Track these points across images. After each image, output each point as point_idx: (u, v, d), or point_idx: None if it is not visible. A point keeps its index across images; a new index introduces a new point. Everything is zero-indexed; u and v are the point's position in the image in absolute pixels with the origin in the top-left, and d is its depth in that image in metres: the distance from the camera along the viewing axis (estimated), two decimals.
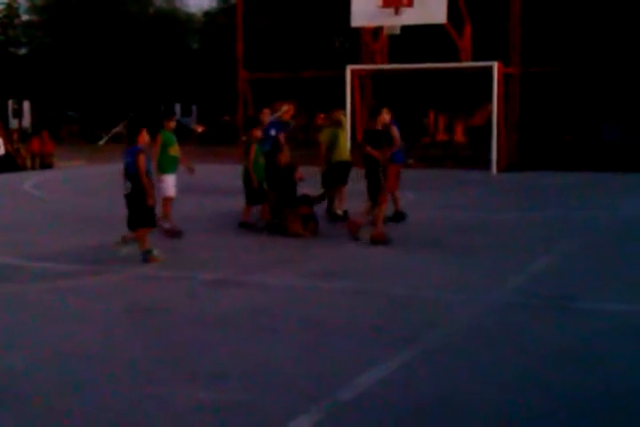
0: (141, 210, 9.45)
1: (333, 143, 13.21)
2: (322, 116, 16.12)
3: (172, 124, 11.91)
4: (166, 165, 11.74)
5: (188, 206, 14.05)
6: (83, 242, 11.08)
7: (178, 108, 55.47)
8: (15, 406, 5.10)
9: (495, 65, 23.27)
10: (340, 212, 13.10)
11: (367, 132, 11.39)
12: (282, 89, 34.68)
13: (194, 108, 54.42)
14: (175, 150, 11.85)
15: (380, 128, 11.28)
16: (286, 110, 13.53)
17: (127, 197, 9.51)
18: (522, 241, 10.95)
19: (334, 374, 5.63)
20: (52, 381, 5.53)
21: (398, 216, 12.86)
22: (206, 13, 53.74)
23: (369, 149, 11.00)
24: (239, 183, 12.35)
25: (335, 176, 13.16)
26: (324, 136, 13.24)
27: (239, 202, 12.52)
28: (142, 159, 9.30)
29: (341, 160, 13.20)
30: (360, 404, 5.10)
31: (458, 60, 24.48)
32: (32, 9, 56.84)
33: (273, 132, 12.76)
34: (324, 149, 13.08)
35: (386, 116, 11.37)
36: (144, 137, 9.53)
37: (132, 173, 9.33)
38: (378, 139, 11.14)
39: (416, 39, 29.17)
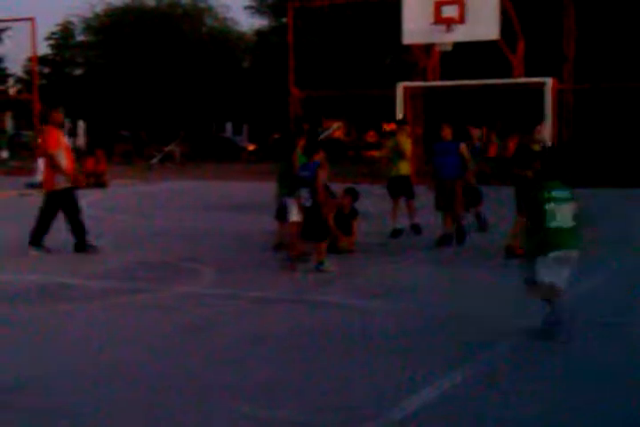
0: (318, 222, 9.98)
1: (392, 157, 13.30)
2: (372, 133, 16.18)
3: None
4: None
5: (233, 225, 14.09)
6: (134, 260, 11.12)
7: (229, 126, 55.83)
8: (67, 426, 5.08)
9: (549, 81, 23.04)
10: (399, 226, 13.02)
11: (523, 150, 11.31)
12: (333, 106, 34.68)
13: (244, 127, 54.74)
14: None
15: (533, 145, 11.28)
16: (336, 128, 13.55)
17: (308, 209, 10.01)
18: None
19: (383, 394, 5.53)
20: (104, 400, 5.51)
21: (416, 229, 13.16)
22: (258, 32, 54.14)
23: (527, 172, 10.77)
24: None
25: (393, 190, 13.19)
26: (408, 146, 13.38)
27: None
28: (321, 174, 9.98)
29: (398, 175, 13.21)
30: (410, 425, 5.00)
31: (511, 76, 24.29)
32: (87, 30, 57.76)
33: None
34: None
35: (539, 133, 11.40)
36: (321, 154, 10.18)
37: (313, 187, 9.94)
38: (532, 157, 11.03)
39: (468, 56, 29.01)
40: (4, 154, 35.31)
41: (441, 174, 12.30)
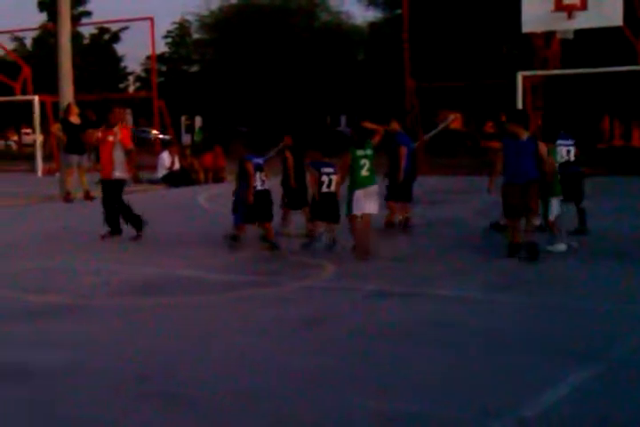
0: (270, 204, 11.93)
1: None
2: (490, 124, 15.71)
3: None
4: None
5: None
6: (252, 253, 11.18)
7: (343, 119, 55.88)
8: (194, 414, 5.11)
9: None
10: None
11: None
12: (449, 97, 34.26)
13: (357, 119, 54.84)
14: None
15: None
16: (453, 119, 13.09)
17: (262, 192, 11.75)
18: None
19: (514, 389, 5.35)
20: (228, 390, 5.53)
21: None
22: (371, 24, 53.97)
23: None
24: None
25: None
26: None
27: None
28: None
29: None
30: (543, 422, 4.83)
31: (636, 62, 23.49)
32: (202, 27, 58.64)
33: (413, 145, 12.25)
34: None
35: None
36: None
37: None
38: None
39: (591, 43, 28.18)
40: None
41: None
